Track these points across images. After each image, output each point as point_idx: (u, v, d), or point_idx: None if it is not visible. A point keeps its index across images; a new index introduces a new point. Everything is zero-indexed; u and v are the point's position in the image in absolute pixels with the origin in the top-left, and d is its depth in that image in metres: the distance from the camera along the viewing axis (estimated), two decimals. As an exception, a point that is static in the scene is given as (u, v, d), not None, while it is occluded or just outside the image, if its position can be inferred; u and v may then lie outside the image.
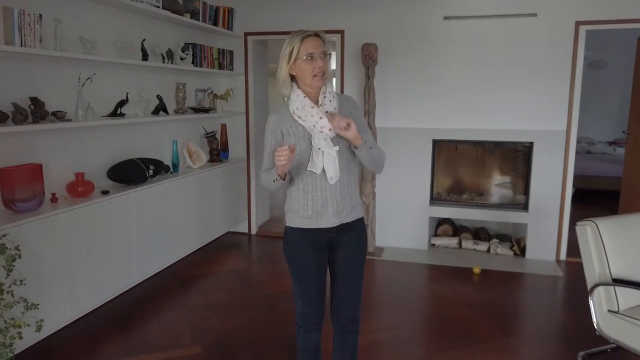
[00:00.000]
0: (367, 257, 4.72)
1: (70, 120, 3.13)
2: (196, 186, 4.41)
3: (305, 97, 2.06)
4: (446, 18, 4.61)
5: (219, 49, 4.93)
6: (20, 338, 2.04)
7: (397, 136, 4.84)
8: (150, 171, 3.76)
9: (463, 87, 4.64)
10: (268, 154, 2.14)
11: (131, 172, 3.64)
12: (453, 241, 4.99)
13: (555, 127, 4.53)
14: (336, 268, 2.21)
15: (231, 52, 5.16)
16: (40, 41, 2.83)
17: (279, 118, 2.11)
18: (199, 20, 4.49)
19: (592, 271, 2.81)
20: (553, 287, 4.15)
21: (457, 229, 5.16)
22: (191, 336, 3.21)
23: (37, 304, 2.18)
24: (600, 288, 2.76)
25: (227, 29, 4.96)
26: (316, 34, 2.04)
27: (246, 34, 5.20)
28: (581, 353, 2.99)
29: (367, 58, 4.54)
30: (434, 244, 5.03)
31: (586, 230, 2.83)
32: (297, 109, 2.06)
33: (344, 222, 2.14)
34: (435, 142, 4.83)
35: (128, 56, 3.70)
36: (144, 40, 3.85)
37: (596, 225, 2.79)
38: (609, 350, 3.03)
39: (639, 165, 4.87)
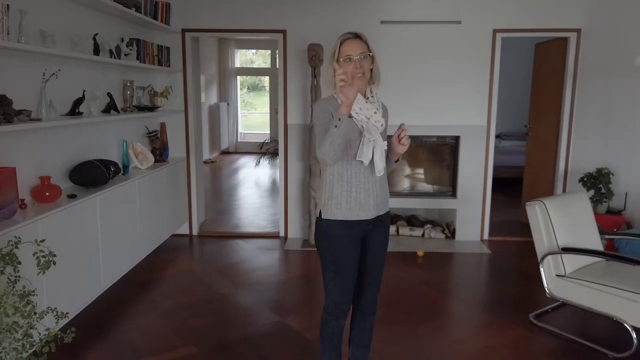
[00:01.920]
0: (315, 249, 4.93)
1: (40, 119, 2.89)
2: (148, 188, 4.25)
3: (357, 91, 2.19)
4: (382, 22, 4.97)
5: (158, 45, 4.77)
6: (53, 350, 1.92)
7: (341, 132, 5.09)
8: (111, 173, 3.58)
9: (399, 87, 5.03)
10: (321, 131, 2.14)
11: (93, 175, 3.43)
12: (391, 229, 5.40)
13: (477, 123, 5.13)
14: (367, 257, 2.36)
15: (168, 49, 5.01)
16: (8, 34, 2.60)
17: (329, 106, 2.19)
18: (141, 13, 4.31)
19: (542, 243, 3.33)
20: (486, 262, 4.72)
21: (392, 217, 5.58)
22: (179, 338, 3.16)
23: (67, 313, 2.05)
24: (549, 257, 3.28)
25: (166, 24, 4.81)
26: (357, 36, 2.19)
27: (184, 31, 5.09)
28: (531, 314, 3.50)
29: (314, 58, 4.72)
30: (374, 233, 5.38)
31: (535, 208, 3.33)
32: None
33: (380, 214, 2.32)
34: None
35: (83, 52, 3.47)
36: (96, 34, 3.63)
37: (544, 204, 3.30)
38: (549, 310, 3.59)
39: (539, 155, 5.68)
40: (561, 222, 3.30)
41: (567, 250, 3.23)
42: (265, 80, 16.29)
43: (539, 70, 5.71)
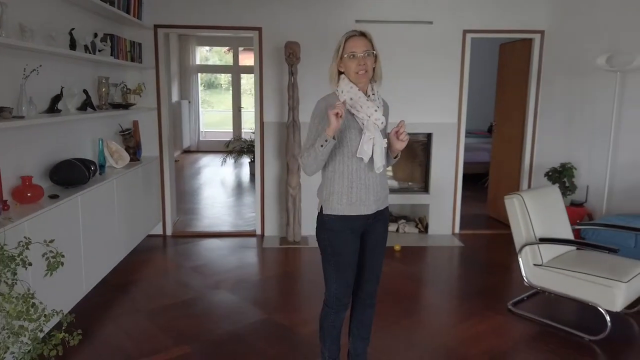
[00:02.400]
0: (294, 246, 4.97)
1: (22, 117, 2.77)
2: (125, 188, 4.14)
3: (359, 89, 2.24)
4: (357, 21, 5.04)
5: (131, 41, 4.65)
6: (60, 353, 1.86)
7: (317, 130, 5.14)
8: (91, 172, 3.48)
9: (373, 85, 5.13)
10: (313, 135, 2.24)
11: (74, 174, 3.32)
12: (367, 225, 5.49)
13: (448, 120, 5.30)
14: (367, 251, 2.42)
15: (140, 45, 4.90)
16: (-11, 27, 2.49)
17: (330, 104, 2.24)
18: (114, 7, 4.19)
19: (520, 234, 3.50)
20: (459, 254, 4.89)
21: (366, 213, 5.68)
22: (170, 338, 3.11)
23: (74, 315, 1.99)
24: (527, 247, 3.45)
25: (138, 19, 4.69)
26: (362, 34, 2.24)
27: (156, 26, 4.98)
28: (509, 302, 3.67)
29: (291, 56, 4.74)
30: (350, 229, 5.46)
31: (514, 201, 3.49)
32: (352, 99, 2.23)
33: (379, 209, 2.38)
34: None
35: (60, 47, 3.35)
36: (72, 29, 3.51)
37: (521, 197, 3.47)
38: (525, 298, 3.77)
39: (504, 151, 5.93)
40: (537, 214, 3.48)
41: (544, 240, 3.40)
42: (222, 77, 16.12)
43: (504, 70, 5.95)
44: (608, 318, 3.12)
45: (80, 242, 3.27)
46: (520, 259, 3.50)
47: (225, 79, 17.29)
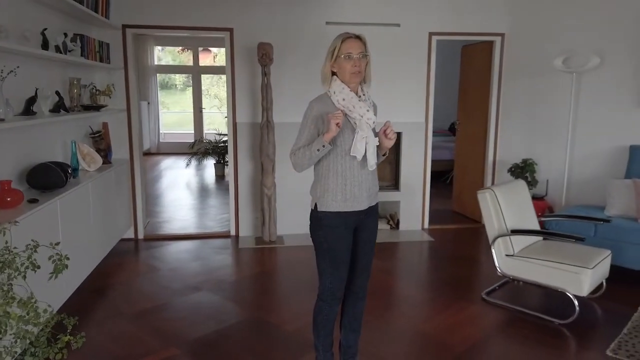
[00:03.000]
0: (271, 246, 5.01)
1: (3, 120, 2.69)
2: (100, 191, 4.06)
3: (350, 90, 2.33)
4: (328, 23, 5.14)
5: (99, 41, 4.56)
6: (65, 357, 1.84)
7: (291, 130, 5.18)
8: (68, 176, 3.40)
9: (344, 85, 5.23)
10: (305, 136, 2.34)
11: (51, 178, 3.24)
12: (340, 223, 5.59)
13: (417, 120, 5.48)
14: (359, 246, 2.50)
15: (108, 45, 4.80)
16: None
17: (323, 107, 2.32)
18: (83, 5, 4.09)
19: (492, 227, 3.68)
20: (430, 249, 5.07)
21: (338, 212, 5.78)
22: (156, 341, 3.10)
23: (77, 318, 1.96)
24: (499, 239, 3.64)
25: (105, 18, 4.59)
26: (357, 37, 2.33)
27: (124, 26, 4.89)
28: (482, 292, 3.85)
29: (264, 57, 4.77)
30: (324, 227, 5.54)
31: (486, 196, 3.68)
32: (344, 99, 2.31)
33: (371, 205, 2.47)
34: (323, 135, 5.34)
35: (33, 47, 3.26)
36: (45, 29, 3.42)
37: (493, 191, 3.66)
38: (497, 287, 3.97)
39: (468, 148, 6.17)
40: (508, 207, 3.67)
41: (516, 232, 3.60)
42: (176, 78, 15.85)
43: (466, 71, 6.20)
44: (576, 303, 3.35)
45: (60, 247, 3.19)
46: (493, 250, 3.68)
47: (180, 79, 17.02)
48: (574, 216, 4.05)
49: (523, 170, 5.14)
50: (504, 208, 3.64)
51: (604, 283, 3.69)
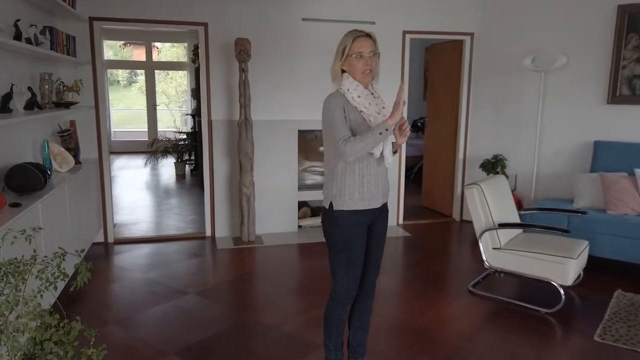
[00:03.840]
0: (250, 246, 4.92)
1: (-15, 117, 2.46)
2: (75, 193, 3.83)
3: (364, 88, 2.30)
4: (304, 19, 5.09)
5: (67, 34, 4.29)
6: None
7: (268, 128, 5.12)
8: (47, 177, 3.18)
9: (319, 83, 5.18)
10: (342, 125, 2.25)
11: (31, 180, 3.02)
12: (316, 220, 5.57)
13: (391, 117, 5.53)
14: (371, 243, 2.49)
15: (74, 38, 4.53)
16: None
17: (340, 101, 2.28)
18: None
19: (479, 221, 3.78)
20: (409, 244, 5.15)
21: (313, 209, 5.76)
22: (151, 348, 2.96)
23: (97, 330, 1.83)
24: (487, 233, 3.75)
25: (72, 7, 4.32)
26: (367, 35, 2.30)
27: (91, 19, 4.63)
28: (469, 285, 3.96)
29: (242, 53, 4.66)
30: (300, 226, 5.50)
31: (473, 191, 3.77)
32: (359, 97, 2.28)
33: (385, 202, 2.47)
34: (300, 132, 5.30)
35: (8, 40, 3.02)
36: (18, 20, 3.17)
37: (480, 186, 3.76)
38: (481, 280, 4.08)
39: (438, 145, 6.31)
40: (494, 202, 3.79)
41: (503, 225, 3.72)
42: (119, 74, 15.22)
43: (435, 70, 6.33)
44: (562, 292, 3.51)
45: (42, 252, 2.98)
46: (480, 244, 3.79)
47: (123, 75, 16.36)
48: (553, 209, 4.24)
49: (494, 166, 5.31)
50: (491, 202, 3.75)
51: (582, 272, 3.88)
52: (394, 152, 2.52)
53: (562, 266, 3.44)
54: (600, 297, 3.73)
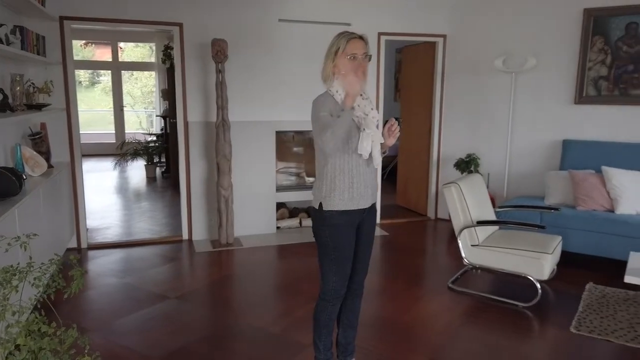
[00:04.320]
0: (229, 248, 4.88)
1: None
2: (49, 198, 3.71)
3: (362, 88, 2.32)
4: (280, 20, 5.08)
5: (37, 34, 4.15)
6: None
7: (246, 129, 5.08)
8: (22, 182, 3.08)
9: (296, 84, 5.21)
10: (322, 125, 2.26)
11: (5, 185, 2.91)
12: (295, 222, 5.58)
13: (367, 117, 5.58)
14: (360, 243, 2.52)
15: (44, 38, 4.39)
16: None
17: (329, 103, 2.30)
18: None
19: (458, 219, 3.87)
20: (387, 243, 5.20)
21: (291, 211, 5.76)
22: (137, 355, 2.90)
23: (89, 337, 1.78)
24: (465, 230, 3.84)
25: (42, 5, 4.19)
26: (360, 37, 2.33)
27: (62, 18, 4.50)
28: (448, 282, 4.04)
29: (219, 54, 4.62)
30: (279, 227, 5.49)
31: (452, 190, 3.85)
32: None
33: (373, 202, 2.50)
34: (278, 133, 5.29)
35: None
36: (-12, 19, 3.06)
37: (458, 185, 3.85)
38: (459, 276, 4.17)
39: (412, 145, 6.40)
40: (471, 200, 3.88)
41: (481, 222, 3.81)
42: (80, 74, 14.82)
43: (408, 71, 6.43)
44: (539, 286, 3.62)
45: (19, 260, 2.88)
46: (459, 241, 3.87)
47: (84, 75, 15.94)
48: (527, 206, 4.37)
49: (468, 165, 5.44)
50: (469, 200, 3.84)
51: (555, 267, 4.02)
52: (383, 153, 2.55)
53: (538, 261, 3.55)
54: (574, 290, 3.87)
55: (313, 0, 5.18)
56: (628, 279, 3.14)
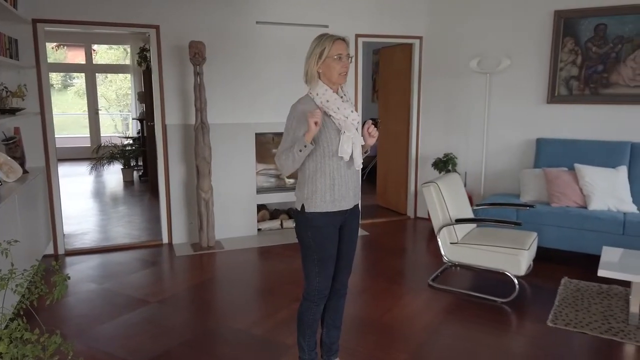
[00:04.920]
0: (210, 252, 4.86)
1: None
2: (25, 204, 3.65)
3: (333, 92, 2.36)
4: (258, 22, 5.09)
5: (9, 37, 4.07)
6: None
7: (225, 131, 5.07)
8: (-3, 188, 3.02)
9: (275, 85, 5.22)
10: (290, 138, 2.33)
11: (-20, 191, 2.86)
12: (276, 223, 5.58)
13: (346, 118, 5.62)
14: (343, 243, 2.54)
15: (16, 41, 4.31)
16: None
17: (307, 108, 2.32)
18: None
19: (438, 218, 3.93)
20: (368, 242, 5.25)
21: (272, 212, 5.76)
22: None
23: (74, 343, 1.75)
24: (444, 228, 3.90)
25: (14, 7, 4.11)
26: (343, 39, 2.36)
27: (35, 21, 4.42)
28: (429, 279, 4.10)
29: (197, 56, 4.60)
30: (260, 229, 5.49)
31: (431, 189, 3.92)
32: (328, 101, 2.33)
33: (356, 203, 2.53)
34: (257, 135, 5.29)
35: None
36: (-41, 22, 2.99)
37: (437, 184, 3.91)
38: (439, 274, 4.24)
39: (390, 145, 6.47)
40: (450, 199, 3.95)
41: (460, 220, 3.88)
42: (52, 77, 14.54)
43: (385, 72, 6.50)
44: (516, 282, 3.71)
45: (-4, 269, 2.82)
46: (439, 240, 3.94)
47: (56, 78, 15.63)
48: (503, 204, 4.47)
49: (445, 164, 5.52)
50: (447, 199, 3.91)
51: (531, 262, 4.12)
52: (365, 153, 2.59)
53: (515, 257, 3.64)
54: (550, 284, 3.98)
55: (291, 2, 5.20)
56: (602, 272, 3.26)
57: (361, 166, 2.47)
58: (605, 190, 4.38)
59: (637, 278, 3.19)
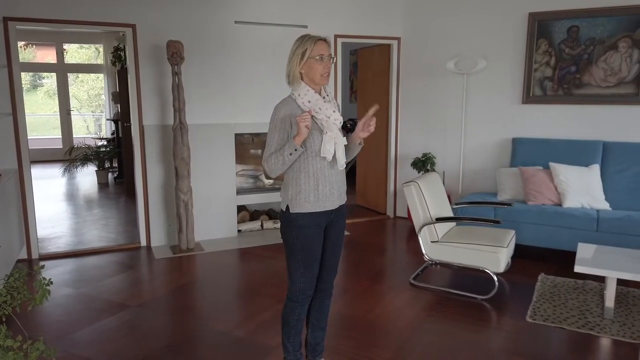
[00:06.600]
0: (190, 254, 4.80)
1: None
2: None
3: (315, 92, 2.35)
4: (237, 22, 5.05)
5: (-21, 34, 3.95)
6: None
7: (204, 132, 5.02)
8: (-31, 191, 2.92)
9: (254, 85, 5.19)
10: (276, 141, 2.33)
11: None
12: (256, 224, 5.55)
13: (325, 118, 5.63)
14: (328, 243, 2.54)
15: (-14, 40, 4.18)
16: None
17: (289, 109, 2.32)
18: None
19: (418, 217, 3.97)
20: (350, 242, 5.26)
21: (252, 213, 5.73)
22: (100, 367, 2.82)
23: (57, 349, 1.70)
24: (425, 227, 3.95)
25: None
26: (324, 40, 2.36)
27: (6, 19, 4.30)
28: (410, 278, 4.14)
29: (175, 55, 4.54)
30: (240, 230, 5.45)
31: (412, 188, 3.95)
32: (310, 102, 2.33)
33: (341, 203, 2.53)
34: (237, 136, 5.25)
35: None
36: None
37: (417, 184, 3.95)
38: (420, 272, 4.28)
39: (369, 145, 6.47)
40: (430, 198, 3.99)
41: (440, 219, 3.93)
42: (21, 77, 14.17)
43: (364, 73, 6.53)
44: (496, 279, 3.78)
45: (-32, 275, 2.73)
46: (420, 238, 3.97)
47: (25, 78, 15.23)
48: (482, 202, 4.54)
49: (424, 164, 5.58)
50: (428, 198, 3.95)
51: (510, 260, 4.19)
52: (359, 144, 2.58)
53: (494, 255, 3.70)
54: (528, 281, 4.06)
55: (269, 2, 5.18)
56: (578, 268, 3.34)
57: (344, 166, 2.47)
58: (579, 188, 4.49)
59: (612, 273, 3.28)
